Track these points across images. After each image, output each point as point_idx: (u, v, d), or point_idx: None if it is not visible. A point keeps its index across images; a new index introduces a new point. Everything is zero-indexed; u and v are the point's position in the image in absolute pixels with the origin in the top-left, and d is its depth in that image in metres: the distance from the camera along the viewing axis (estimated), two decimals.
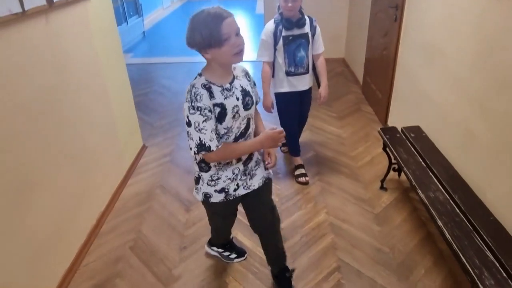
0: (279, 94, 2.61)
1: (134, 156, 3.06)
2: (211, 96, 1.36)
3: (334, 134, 3.40)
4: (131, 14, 6.59)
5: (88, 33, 2.34)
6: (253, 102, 1.52)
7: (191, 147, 1.39)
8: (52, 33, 1.95)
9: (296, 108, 2.68)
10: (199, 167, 1.56)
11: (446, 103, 2.30)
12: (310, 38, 2.48)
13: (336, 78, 4.70)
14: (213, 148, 1.37)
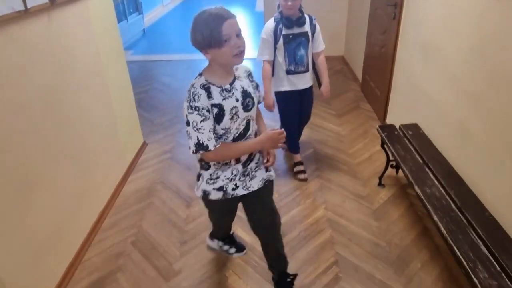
0: (279, 93, 2.63)
1: (135, 153, 3.09)
2: (209, 97, 1.37)
3: (333, 131, 3.43)
4: (131, 11, 6.59)
5: (89, 31, 2.36)
6: (253, 103, 1.51)
7: (190, 146, 1.41)
8: (54, 31, 1.97)
9: (296, 107, 2.69)
10: (200, 164, 1.58)
11: (443, 100, 2.33)
12: (310, 37, 2.50)
13: (335, 76, 4.72)
14: (210, 147, 1.38)
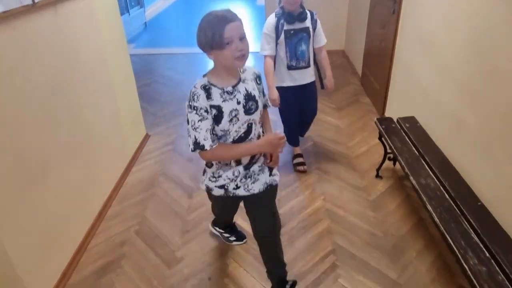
0: (280, 88, 2.63)
1: (138, 144, 3.15)
2: (208, 97, 1.39)
3: (333, 124, 3.49)
4: (133, 4, 6.62)
5: (94, 24, 2.41)
6: (257, 107, 1.50)
7: (189, 144, 1.45)
8: (60, 24, 2.02)
9: (296, 102, 2.71)
10: (204, 161, 1.62)
11: (439, 94, 2.38)
12: (311, 32, 2.53)
13: (335, 70, 4.72)
14: (206, 147, 1.40)
